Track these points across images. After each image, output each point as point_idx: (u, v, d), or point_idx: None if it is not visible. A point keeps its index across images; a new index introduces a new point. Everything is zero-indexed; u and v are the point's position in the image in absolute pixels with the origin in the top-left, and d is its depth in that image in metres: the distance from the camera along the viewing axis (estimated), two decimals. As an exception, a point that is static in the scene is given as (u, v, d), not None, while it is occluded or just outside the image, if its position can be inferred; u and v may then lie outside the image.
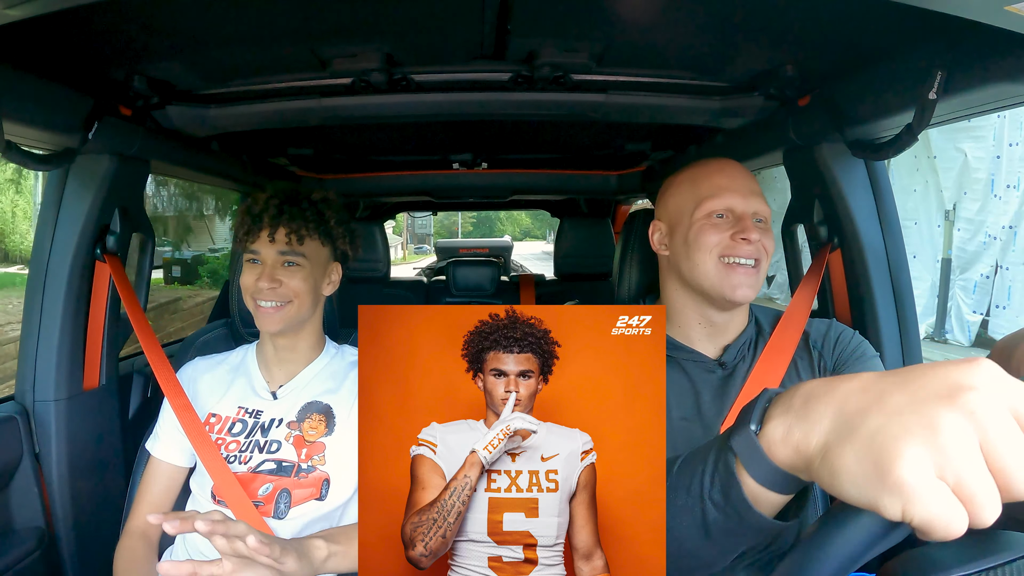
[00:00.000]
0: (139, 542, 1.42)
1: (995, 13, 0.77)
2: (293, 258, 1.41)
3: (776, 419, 0.57)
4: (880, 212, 1.62)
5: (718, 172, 1.28)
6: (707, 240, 1.22)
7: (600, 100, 1.66)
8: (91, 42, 1.23)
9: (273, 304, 1.40)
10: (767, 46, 1.37)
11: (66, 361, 1.59)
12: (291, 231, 1.40)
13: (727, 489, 0.62)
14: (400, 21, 1.25)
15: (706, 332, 1.30)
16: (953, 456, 0.44)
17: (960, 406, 0.45)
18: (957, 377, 0.46)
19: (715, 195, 1.24)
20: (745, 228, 1.21)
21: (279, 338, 1.47)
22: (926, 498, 0.44)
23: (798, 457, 0.54)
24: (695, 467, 0.68)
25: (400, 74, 1.52)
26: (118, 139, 1.51)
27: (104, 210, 1.59)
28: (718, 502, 0.64)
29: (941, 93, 1.11)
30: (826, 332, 1.32)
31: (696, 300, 1.28)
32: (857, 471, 0.48)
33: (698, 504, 0.66)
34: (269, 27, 1.25)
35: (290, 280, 1.40)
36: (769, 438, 0.57)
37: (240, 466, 1.38)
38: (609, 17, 1.23)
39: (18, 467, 1.54)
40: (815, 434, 0.52)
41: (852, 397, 0.51)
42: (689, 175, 1.32)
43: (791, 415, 0.55)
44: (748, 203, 1.24)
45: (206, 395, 1.49)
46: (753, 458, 0.59)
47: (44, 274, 1.57)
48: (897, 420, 0.47)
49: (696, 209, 1.25)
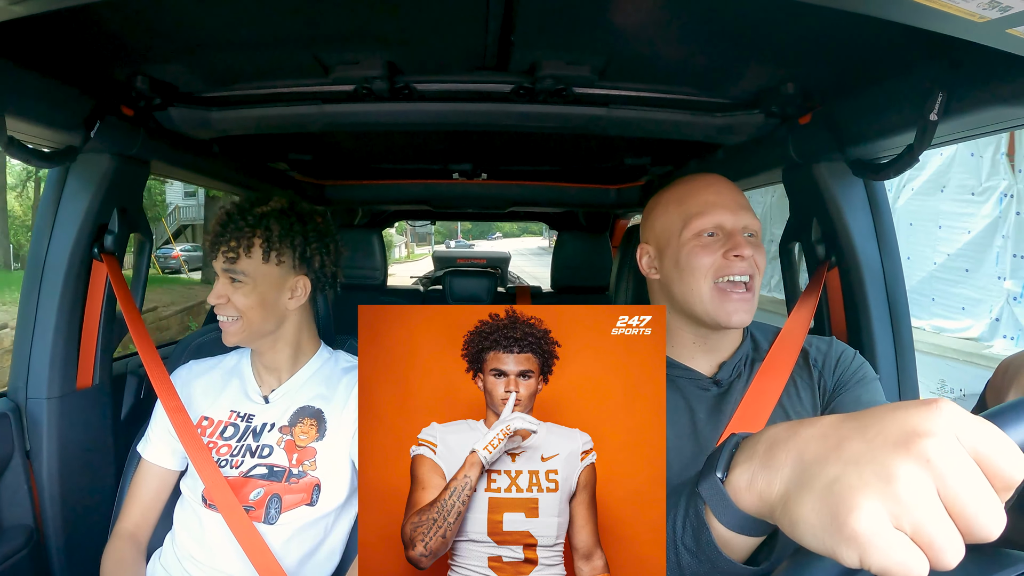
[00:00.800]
0: (127, 544, 1.41)
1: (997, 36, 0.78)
2: (235, 275, 1.39)
3: (741, 466, 0.58)
4: (878, 231, 1.62)
5: (705, 188, 1.25)
6: (699, 263, 1.19)
7: (601, 114, 1.66)
8: (95, 41, 1.23)
9: (226, 318, 1.41)
10: (769, 63, 1.37)
11: (60, 359, 1.58)
12: (228, 249, 1.38)
13: (698, 534, 0.63)
14: (403, 30, 1.25)
15: (701, 350, 1.28)
16: (909, 505, 0.45)
17: (916, 454, 0.46)
18: (915, 423, 0.47)
19: (704, 212, 1.21)
20: (737, 244, 1.18)
21: (261, 347, 1.47)
22: (882, 549, 0.45)
23: (762, 504, 0.55)
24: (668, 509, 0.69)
25: (402, 82, 1.52)
26: (119, 139, 1.51)
27: (103, 209, 1.59)
28: (690, 547, 0.65)
29: (942, 114, 1.11)
30: (827, 351, 1.30)
31: (690, 323, 1.26)
32: (815, 521, 0.48)
33: (672, 548, 0.68)
34: (273, 32, 1.26)
35: (234, 295, 1.39)
36: (735, 485, 0.58)
37: (232, 470, 1.38)
38: (612, 31, 1.24)
39: (8, 465, 1.53)
40: (776, 482, 0.53)
41: (812, 444, 0.52)
42: (674, 194, 1.28)
43: (755, 462, 0.56)
44: (738, 218, 1.21)
45: (199, 398, 1.48)
46: (720, 505, 0.59)
47: (41, 271, 1.57)
48: (854, 470, 0.48)
49: (684, 229, 1.22)
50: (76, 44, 1.22)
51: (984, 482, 0.45)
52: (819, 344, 1.32)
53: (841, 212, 1.60)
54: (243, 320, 1.40)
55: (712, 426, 1.21)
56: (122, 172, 1.59)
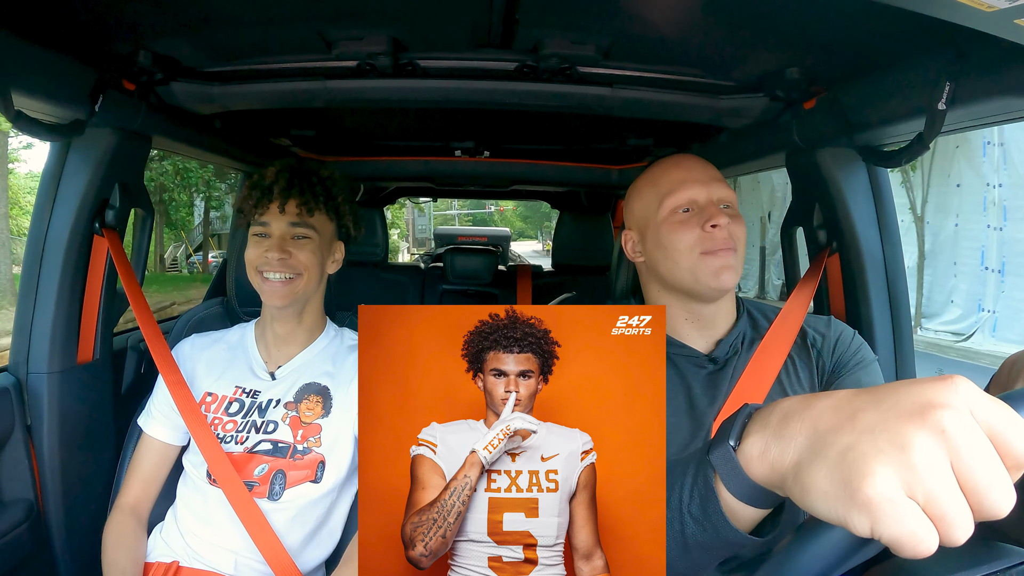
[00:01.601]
0: (128, 518, 1.42)
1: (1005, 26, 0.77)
2: (303, 230, 1.41)
3: (754, 435, 0.58)
4: (880, 218, 1.62)
5: (674, 167, 1.28)
6: (680, 239, 1.21)
7: (605, 93, 1.65)
8: (97, 15, 1.22)
9: (281, 277, 1.40)
10: (775, 47, 1.36)
11: (61, 334, 1.59)
12: (302, 203, 1.41)
13: (705, 503, 0.63)
14: (407, 6, 1.24)
15: (694, 327, 1.29)
16: (923, 474, 0.45)
17: (931, 424, 0.46)
18: (930, 395, 0.47)
19: (675, 190, 1.24)
20: (711, 215, 1.20)
21: (282, 318, 1.48)
22: (894, 516, 0.45)
23: (773, 474, 0.55)
24: (674, 480, 0.69)
25: (406, 59, 1.52)
26: (121, 114, 1.51)
27: (104, 184, 1.58)
28: (696, 516, 0.65)
29: (949, 103, 1.11)
30: (825, 332, 1.32)
31: (680, 298, 1.27)
32: (827, 488, 0.48)
33: (677, 517, 0.67)
34: (276, 7, 1.25)
35: (299, 252, 1.41)
36: (747, 454, 0.58)
37: (236, 446, 1.39)
38: (617, 11, 1.23)
39: (9, 439, 1.54)
40: (789, 451, 0.53)
41: (826, 415, 0.52)
42: (648, 177, 1.31)
43: (768, 432, 0.56)
44: (710, 191, 1.24)
45: (202, 374, 1.49)
46: (731, 474, 0.59)
47: (42, 246, 1.56)
48: (868, 438, 0.48)
49: (660, 208, 1.25)
50: (79, 18, 1.22)
51: (997, 458, 0.45)
52: (817, 325, 1.33)
53: (843, 198, 1.60)
54: (301, 278, 1.42)
55: (708, 403, 1.23)
56: (123, 147, 1.58)
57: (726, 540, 0.62)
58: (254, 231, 1.43)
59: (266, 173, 1.43)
